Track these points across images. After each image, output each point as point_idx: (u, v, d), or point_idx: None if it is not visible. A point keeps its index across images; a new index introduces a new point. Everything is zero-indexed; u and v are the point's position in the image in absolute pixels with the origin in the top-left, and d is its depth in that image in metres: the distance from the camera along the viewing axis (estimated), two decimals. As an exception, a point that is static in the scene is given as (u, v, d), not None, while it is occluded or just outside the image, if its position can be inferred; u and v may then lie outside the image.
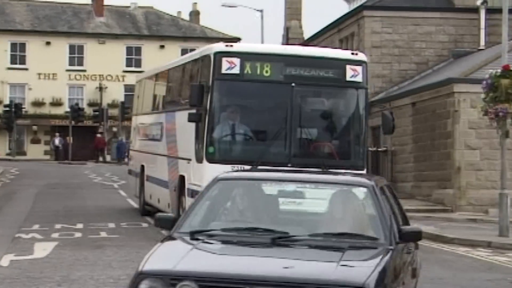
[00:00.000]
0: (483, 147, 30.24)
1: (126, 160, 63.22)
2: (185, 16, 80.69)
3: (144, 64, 72.15)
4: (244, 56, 18.08)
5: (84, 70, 72.76)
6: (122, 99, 71.00)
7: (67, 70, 72.50)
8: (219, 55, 17.98)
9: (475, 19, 40.95)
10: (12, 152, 67.85)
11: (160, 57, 72.28)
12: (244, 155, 17.59)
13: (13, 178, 43.02)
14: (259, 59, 18.15)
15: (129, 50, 73.93)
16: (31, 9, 74.71)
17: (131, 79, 72.74)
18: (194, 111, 18.15)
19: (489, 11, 39.82)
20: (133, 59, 73.73)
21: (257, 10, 50.92)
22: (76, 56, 72.86)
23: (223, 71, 17.82)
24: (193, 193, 17.72)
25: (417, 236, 9.53)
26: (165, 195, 22.03)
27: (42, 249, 16.77)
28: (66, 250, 16.77)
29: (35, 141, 72.30)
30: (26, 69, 71.59)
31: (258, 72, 18.02)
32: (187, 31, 75.73)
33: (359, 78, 18.31)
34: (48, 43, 72.01)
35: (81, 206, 27.60)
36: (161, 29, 75.51)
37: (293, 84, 17.96)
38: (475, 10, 40.99)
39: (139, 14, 77.03)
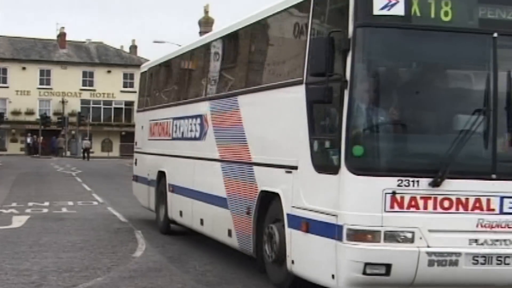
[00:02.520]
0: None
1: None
2: (126, 49, 79.96)
3: (95, 84, 72.21)
4: None
5: (51, 88, 71.57)
6: (79, 110, 70.47)
7: (38, 88, 71.25)
8: None
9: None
10: (-4, 149, 66.69)
11: (108, 80, 72.09)
12: (418, 160, 7.85)
13: (-4, 168, 42.20)
14: None
15: (84, 73, 72.92)
16: (11, 43, 73.07)
17: (85, 95, 72.46)
18: (317, 85, 7.91)
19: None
20: (87, 80, 72.85)
21: (179, 45, 50.65)
22: (45, 78, 71.64)
23: (376, 11, 7.65)
24: (308, 226, 8.24)
25: None
26: (219, 217, 11.16)
27: (18, 221, 16.47)
28: (36, 221, 16.51)
29: (14, 140, 70.85)
30: (7, 87, 69.88)
31: (433, 14, 7.75)
32: (127, 60, 74.98)
33: None
34: (24, 68, 70.70)
35: (48, 189, 27.06)
36: (108, 59, 74.66)
37: (495, 35, 7.77)
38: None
39: (92, 47, 76.08)
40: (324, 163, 8.05)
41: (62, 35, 74.50)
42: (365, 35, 7.71)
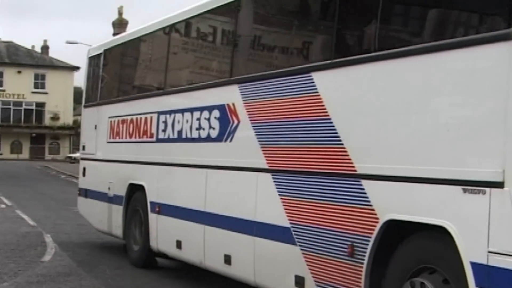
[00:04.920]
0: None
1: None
2: (38, 49, 78.47)
3: (5, 84, 70.57)
4: None
5: (-42, 88, 69.91)
6: (-14, 110, 68.96)
7: None
8: None
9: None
10: None
11: (18, 80, 70.47)
12: None
13: None
14: None
15: (-7, 73, 71.52)
16: None
17: (-6, 95, 70.80)
18: None
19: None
20: (-4, 80, 71.45)
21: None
22: (-49, 77, 69.96)
23: None
24: None
25: None
26: (273, 257, 7.40)
27: None
28: None
29: None
30: None
31: None
32: (39, 60, 73.69)
33: None
34: None
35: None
36: (18, 59, 73.15)
37: None
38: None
39: (1, 46, 74.34)
40: None
41: (-30, 33, 72.64)
42: None
